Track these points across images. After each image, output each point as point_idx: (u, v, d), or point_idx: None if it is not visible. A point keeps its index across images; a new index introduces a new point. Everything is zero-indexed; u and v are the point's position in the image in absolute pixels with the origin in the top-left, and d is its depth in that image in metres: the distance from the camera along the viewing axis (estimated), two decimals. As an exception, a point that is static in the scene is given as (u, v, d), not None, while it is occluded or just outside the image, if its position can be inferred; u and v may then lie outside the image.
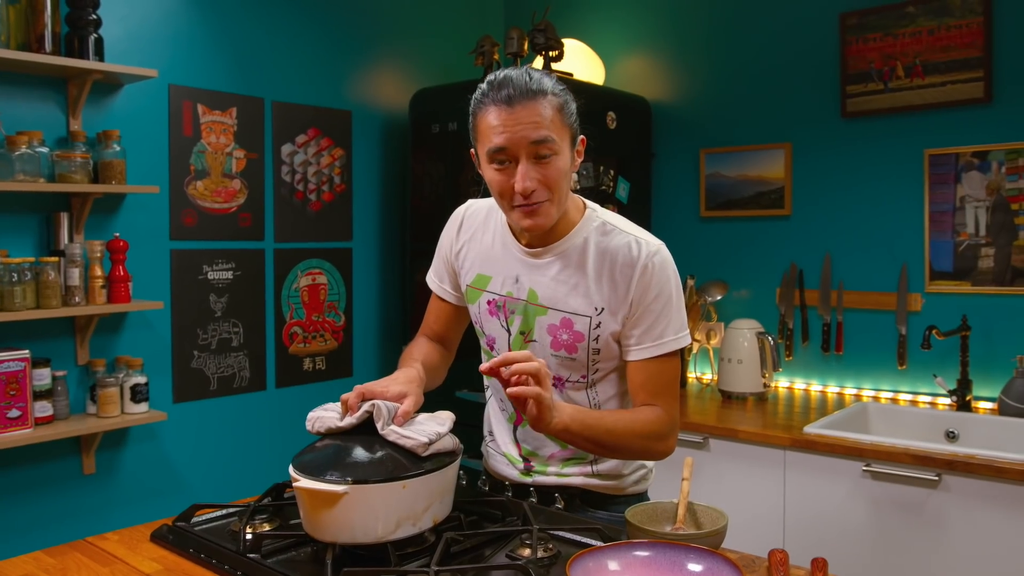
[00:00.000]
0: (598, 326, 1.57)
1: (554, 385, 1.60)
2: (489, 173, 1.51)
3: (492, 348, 1.69)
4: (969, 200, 2.89)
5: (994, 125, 2.86)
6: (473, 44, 3.78)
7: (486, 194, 1.66)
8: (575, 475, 1.67)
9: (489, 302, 1.66)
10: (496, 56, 3.53)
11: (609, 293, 1.56)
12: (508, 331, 1.65)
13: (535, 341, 1.61)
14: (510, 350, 1.63)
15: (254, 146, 3.21)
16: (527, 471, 1.71)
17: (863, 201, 3.14)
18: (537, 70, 1.52)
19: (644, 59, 3.74)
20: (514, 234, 1.64)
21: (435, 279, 1.80)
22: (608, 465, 1.67)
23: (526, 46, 3.45)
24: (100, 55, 2.65)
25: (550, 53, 3.34)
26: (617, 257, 1.56)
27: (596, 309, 1.56)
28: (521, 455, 1.71)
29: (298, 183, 3.36)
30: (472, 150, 1.59)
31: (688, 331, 1.60)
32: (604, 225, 1.60)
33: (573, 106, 1.54)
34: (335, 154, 3.49)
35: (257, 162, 3.22)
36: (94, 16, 2.63)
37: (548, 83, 1.49)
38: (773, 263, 3.36)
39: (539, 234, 1.57)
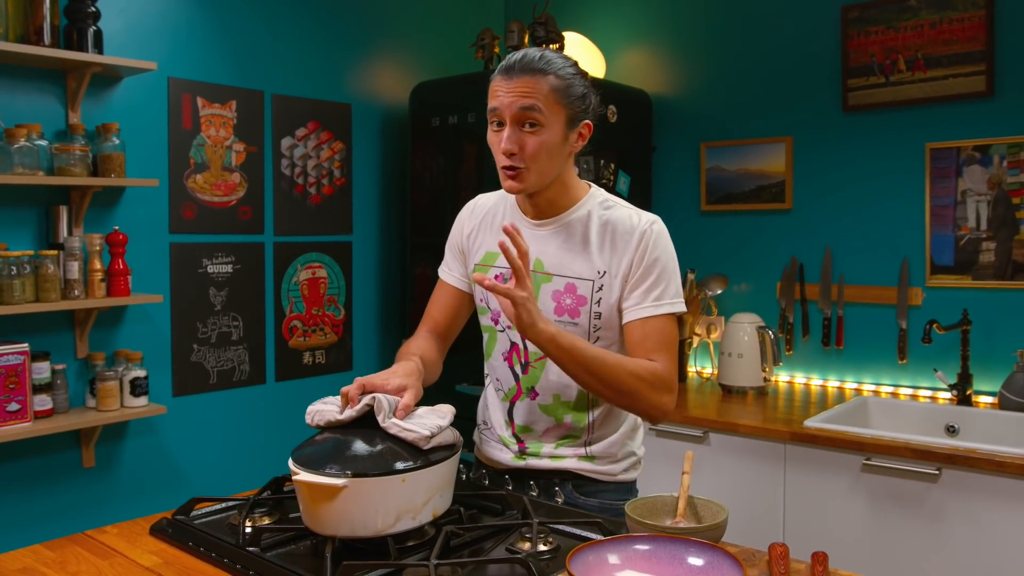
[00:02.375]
0: (600, 289, 1.64)
1: None
2: (488, 132, 1.63)
3: (496, 323, 1.74)
4: (970, 194, 2.89)
5: (996, 119, 2.85)
6: (473, 37, 3.77)
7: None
8: (568, 456, 1.70)
9: (496, 276, 1.72)
10: (496, 49, 3.52)
11: (610, 257, 1.64)
12: None
13: (540, 310, 1.64)
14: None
15: (254, 139, 3.20)
16: (521, 453, 1.73)
17: (864, 195, 3.13)
18: (559, 55, 1.63)
19: (644, 52, 3.73)
20: (521, 210, 1.73)
21: (445, 268, 1.88)
22: (600, 446, 1.70)
23: (526, 39, 3.44)
24: (99, 48, 2.64)
25: (550, 46, 3.33)
26: (618, 226, 1.66)
27: (599, 272, 1.64)
28: (514, 433, 1.73)
29: (298, 176, 3.35)
30: None
31: (684, 302, 1.68)
32: (606, 201, 1.71)
33: (581, 91, 1.62)
34: (335, 147, 3.48)
35: (257, 155, 3.21)
36: (93, 9, 2.63)
37: (557, 64, 1.59)
38: (774, 257, 3.36)
39: (542, 207, 1.69)
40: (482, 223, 1.81)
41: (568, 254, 1.66)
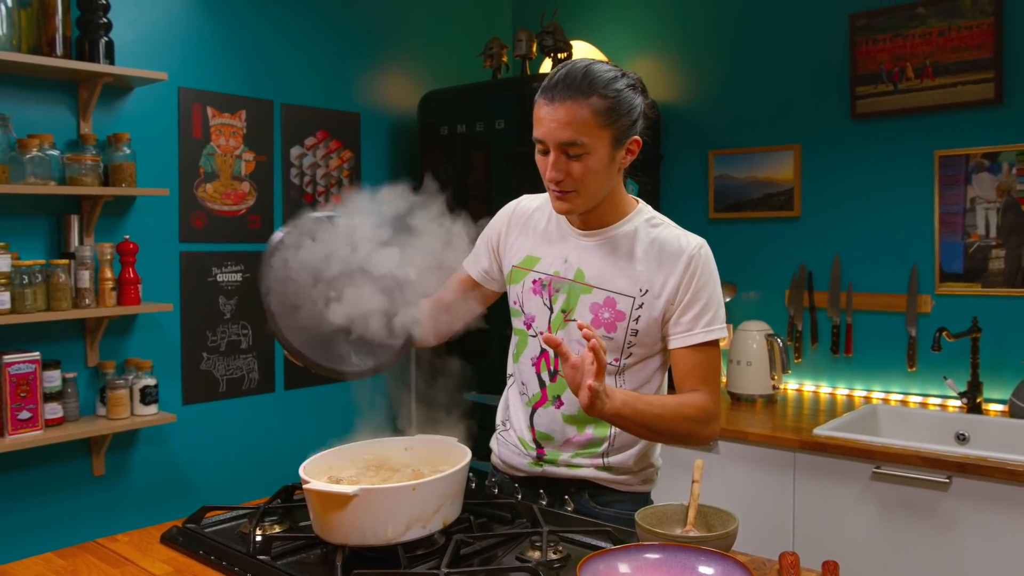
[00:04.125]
0: (640, 307, 1.63)
1: None
2: (536, 154, 1.61)
3: (529, 328, 1.73)
4: (979, 201, 2.88)
5: (1004, 126, 2.84)
6: (482, 46, 3.78)
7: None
8: (586, 466, 1.69)
9: (535, 281, 1.72)
10: (504, 58, 3.53)
11: (655, 276, 1.63)
12: (550, 309, 1.70)
13: (575, 320, 1.66)
14: (550, 328, 1.69)
15: (263, 148, 3.21)
16: (538, 459, 1.72)
17: (873, 202, 3.13)
18: (604, 66, 1.58)
19: (652, 60, 3.73)
20: (570, 219, 1.72)
21: (472, 260, 1.86)
22: (618, 458, 1.69)
23: (534, 48, 3.45)
24: (110, 58, 2.66)
25: (558, 55, 3.34)
26: (666, 245, 1.65)
27: (641, 291, 1.63)
28: (535, 439, 1.72)
29: (307, 185, 3.36)
30: None
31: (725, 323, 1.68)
32: (653, 218, 1.71)
33: (627, 107, 1.58)
34: (344, 156, 3.49)
35: (266, 164, 3.23)
36: (104, 20, 2.65)
37: (602, 82, 1.54)
38: (782, 265, 3.35)
39: (588, 219, 1.67)
40: (525, 225, 1.79)
41: (611, 268, 1.65)
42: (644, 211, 1.71)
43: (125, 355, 2.85)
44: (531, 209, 1.81)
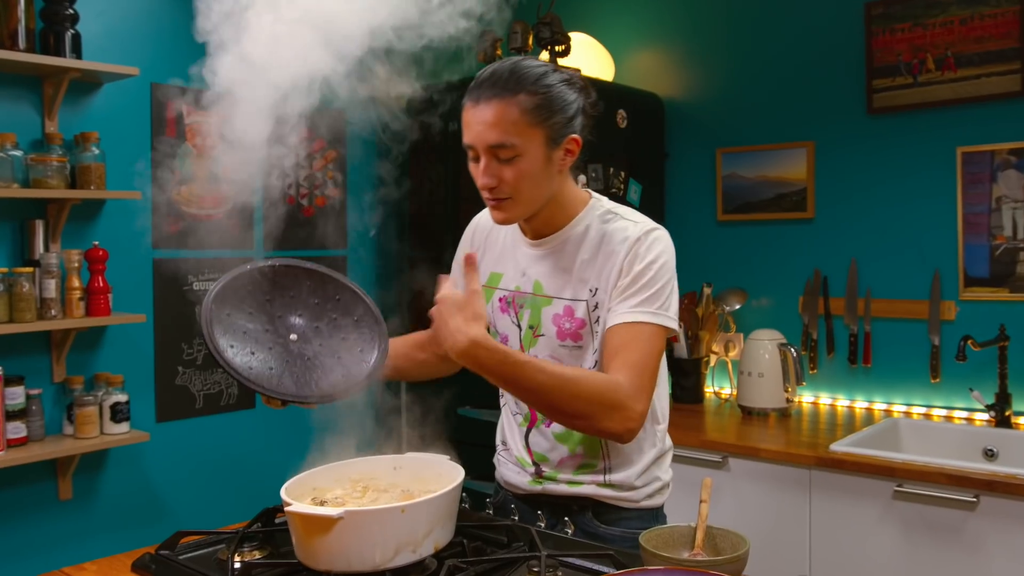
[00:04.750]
0: (596, 307, 1.63)
1: None
2: (469, 164, 1.62)
3: (505, 343, 1.73)
4: (1006, 201, 2.89)
5: (1031, 121, 2.85)
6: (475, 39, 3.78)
7: None
8: (586, 483, 1.70)
9: (501, 299, 1.74)
10: (499, 52, 3.53)
11: (600, 270, 1.62)
12: (519, 326, 1.71)
13: (543, 335, 1.68)
14: (522, 347, 1.69)
15: (241, 148, 3.21)
16: (538, 476, 1.73)
17: (891, 202, 3.13)
18: (532, 61, 1.59)
19: (656, 53, 3.74)
20: (522, 228, 1.72)
21: (452, 286, 1.85)
22: (621, 475, 1.69)
23: (531, 40, 3.46)
24: (77, 52, 2.66)
25: (556, 48, 3.35)
26: (613, 237, 1.63)
27: (591, 291, 1.63)
28: (533, 461, 1.74)
29: (289, 188, 3.36)
30: None
31: (676, 319, 1.62)
32: (607, 213, 1.68)
33: (561, 103, 1.56)
34: (328, 156, 3.49)
35: (245, 165, 3.22)
36: (71, 11, 2.65)
37: (530, 78, 1.54)
38: (795, 269, 3.35)
39: (535, 226, 1.67)
40: (486, 241, 1.82)
41: (563, 275, 1.66)
42: (597, 206, 1.69)
43: (94, 370, 2.84)
44: (489, 225, 1.82)
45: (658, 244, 1.61)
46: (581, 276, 1.64)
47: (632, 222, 1.64)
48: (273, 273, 1.62)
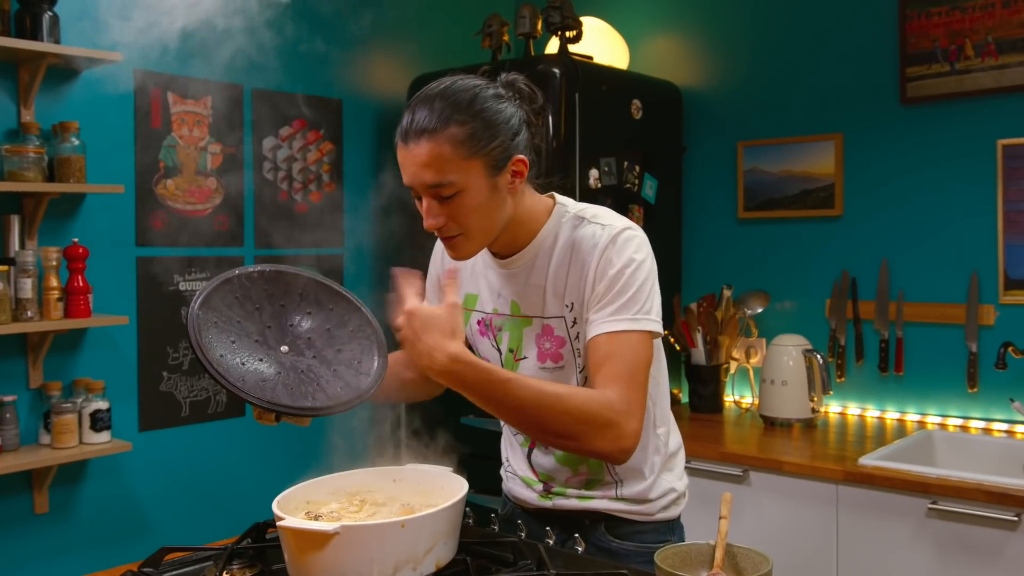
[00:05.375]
0: (574, 323, 1.63)
1: None
2: (415, 202, 1.62)
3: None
4: (1048, 198, 2.88)
5: (1076, 112, 2.85)
6: (479, 24, 3.79)
7: None
8: (598, 498, 1.71)
9: (479, 322, 1.75)
10: (506, 37, 3.53)
11: (574, 283, 1.62)
12: (499, 350, 1.73)
13: (525, 358, 1.69)
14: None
15: (232, 140, 3.22)
16: (547, 492, 1.75)
17: (926, 199, 3.12)
18: (462, 83, 1.56)
19: (674, 39, 3.73)
20: (488, 249, 1.71)
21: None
22: (633, 490, 1.70)
23: (539, 26, 3.46)
24: (55, 36, 2.66)
25: (567, 33, 3.35)
26: (582, 245, 1.62)
27: (567, 306, 1.63)
28: (538, 478, 1.76)
29: (282, 181, 3.36)
30: None
31: (659, 320, 1.60)
32: (574, 219, 1.66)
33: (495, 126, 1.54)
34: (324, 149, 3.49)
35: (235, 158, 3.23)
36: (50, -8, 2.65)
37: (459, 107, 1.51)
38: (822, 271, 3.35)
39: (499, 249, 1.68)
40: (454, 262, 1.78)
41: (537, 292, 1.66)
42: (562, 212, 1.67)
43: (73, 375, 2.84)
44: None
45: (630, 245, 1.60)
46: (555, 291, 1.64)
47: (600, 225, 1.62)
48: (262, 279, 1.60)
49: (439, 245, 1.88)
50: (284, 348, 1.56)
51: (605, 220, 1.64)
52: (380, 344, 1.62)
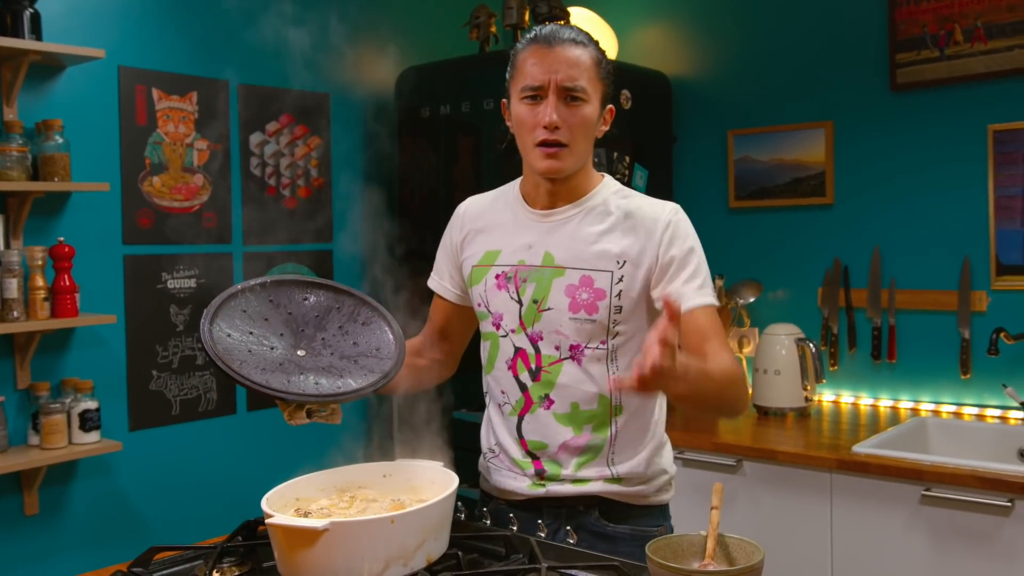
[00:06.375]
0: (620, 280, 1.69)
1: (571, 357, 1.72)
2: (518, 109, 1.71)
3: (498, 328, 1.78)
4: (1039, 183, 2.89)
5: (1066, 96, 2.85)
6: (467, 15, 3.78)
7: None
8: (593, 479, 1.72)
9: (497, 276, 1.77)
10: (493, 28, 3.53)
11: (632, 243, 1.71)
12: (519, 302, 1.75)
13: (550, 308, 1.71)
14: (522, 321, 1.74)
15: (218, 136, 3.21)
16: (538, 477, 1.75)
17: (917, 186, 3.13)
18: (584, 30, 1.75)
19: (663, 29, 3.73)
20: (527, 202, 1.80)
21: (436, 277, 1.95)
22: (627, 465, 1.73)
23: (527, 17, 3.45)
24: (37, 33, 2.65)
25: (558, 23, 3.34)
26: (640, 212, 1.74)
27: (618, 262, 1.70)
28: (527, 451, 1.75)
29: (269, 177, 3.36)
30: (504, 100, 1.80)
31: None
32: (622, 190, 1.80)
33: (611, 67, 1.74)
34: (311, 144, 3.49)
35: (222, 154, 3.22)
36: (31, -11, 2.64)
37: (593, 39, 1.73)
38: (814, 259, 3.35)
39: (560, 191, 1.75)
40: (477, 221, 1.87)
41: (583, 244, 1.72)
42: (611, 184, 1.81)
43: (61, 375, 2.84)
44: (482, 207, 1.90)
45: (689, 225, 1.75)
46: (603, 247, 1.71)
47: (651, 201, 1.76)
48: (265, 291, 1.67)
49: (457, 216, 1.92)
50: (301, 352, 1.61)
51: (652, 199, 1.78)
52: (394, 330, 1.71)
